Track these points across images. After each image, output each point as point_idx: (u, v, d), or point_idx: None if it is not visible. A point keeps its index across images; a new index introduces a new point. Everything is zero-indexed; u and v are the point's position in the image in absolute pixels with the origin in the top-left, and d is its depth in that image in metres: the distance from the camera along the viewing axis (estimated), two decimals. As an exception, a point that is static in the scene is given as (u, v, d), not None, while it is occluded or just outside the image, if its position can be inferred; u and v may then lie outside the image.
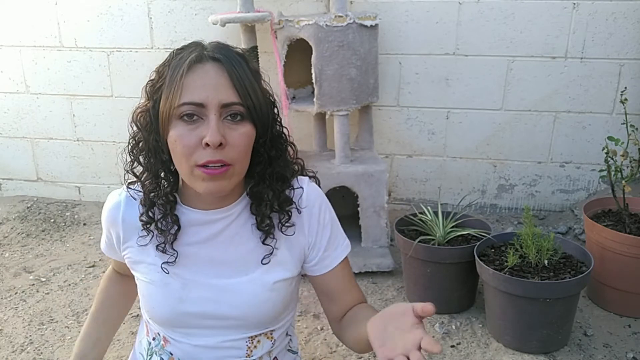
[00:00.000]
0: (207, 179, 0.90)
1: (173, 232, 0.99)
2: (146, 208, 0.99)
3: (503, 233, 2.02)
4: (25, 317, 2.05)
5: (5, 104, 2.94)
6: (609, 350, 1.79)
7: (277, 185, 1.00)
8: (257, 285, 1.01)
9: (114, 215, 1.04)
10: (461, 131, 2.65)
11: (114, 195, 1.06)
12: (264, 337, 1.07)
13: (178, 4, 2.61)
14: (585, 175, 2.64)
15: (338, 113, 2.26)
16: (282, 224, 1.02)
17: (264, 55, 2.50)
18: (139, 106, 0.97)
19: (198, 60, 0.90)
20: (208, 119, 0.88)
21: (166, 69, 0.92)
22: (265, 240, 1.01)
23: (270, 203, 0.99)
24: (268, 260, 1.02)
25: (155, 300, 1.02)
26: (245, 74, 0.91)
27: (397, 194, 2.82)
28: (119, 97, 2.81)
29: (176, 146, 0.89)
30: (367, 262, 2.25)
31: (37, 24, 2.75)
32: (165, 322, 1.04)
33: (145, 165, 0.98)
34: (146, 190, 0.99)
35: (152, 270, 1.01)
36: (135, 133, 0.98)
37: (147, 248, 1.02)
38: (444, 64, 2.55)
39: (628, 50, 2.43)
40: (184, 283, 1.01)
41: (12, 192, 3.12)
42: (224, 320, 1.02)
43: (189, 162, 0.89)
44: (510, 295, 1.71)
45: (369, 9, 2.48)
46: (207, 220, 1.00)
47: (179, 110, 0.88)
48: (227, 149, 0.89)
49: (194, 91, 0.88)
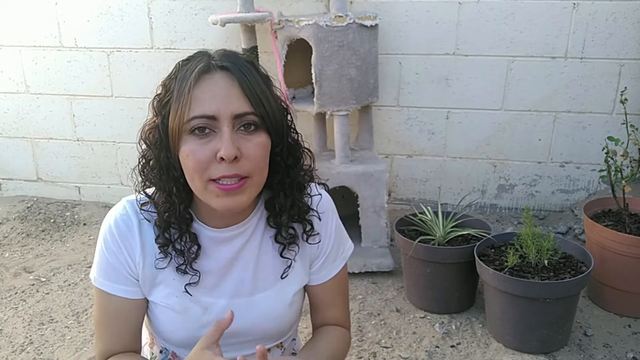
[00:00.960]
0: (222, 194, 0.85)
1: (194, 251, 0.94)
2: (162, 229, 0.93)
3: (503, 233, 2.02)
4: (25, 317, 2.05)
5: (5, 104, 2.94)
6: (609, 350, 1.79)
7: (296, 194, 0.96)
8: (278, 299, 1.00)
9: (127, 234, 0.94)
10: (461, 131, 2.65)
11: (119, 214, 0.95)
12: (275, 348, 1.07)
13: (178, 4, 2.61)
14: (585, 175, 2.64)
15: (338, 113, 2.26)
16: (306, 234, 0.99)
17: (264, 55, 2.50)
18: (147, 123, 0.92)
19: (206, 71, 0.85)
20: (221, 132, 0.84)
21: (173, 82, 0.88)
22: (283, 253, 0.98)
23: (290, 213, 0.96)
24: (286, 274, 1.00)
25: (174, 325, 0.98)
26: (256, 81, 0.87)
27: (397, 194, 2.82)
28: (119, 97, 2.81)
29: (188, 162, 0.85)
30: (367, 262, 2.25)
31: (37, 24, 2.75)
32: (182, 345, 1.01)
33: (158, 184, 0.92)
34: (160, 210, 0.92)
35: (171, 294, 0.96)
36: (145, 151, 0.93)
37: (165, 270, 0.96)
38: (444, 64, 2.55)
39: (628, 50, 2.43)
40: (204, 307, 0.97)
41: (12, 192, 3.12)
42: (242, 337, 1.00)
43: (203, 178, 0.85)
44: (510, 295, 1.71)
45: (369, 9, 2.48)
46: (224, 238, 0.96)
47: (190, 124, 0.84)
48: (242, 162, 0.84)
49: (204, 103, 0.84)
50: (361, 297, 2.13)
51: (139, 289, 0.97)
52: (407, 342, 1.87)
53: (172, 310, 0.97)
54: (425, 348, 1.83)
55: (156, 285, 0.97)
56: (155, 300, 0.98)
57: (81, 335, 1.94)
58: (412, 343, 1.86)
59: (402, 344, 1.86)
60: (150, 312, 1.02)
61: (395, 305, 2.08)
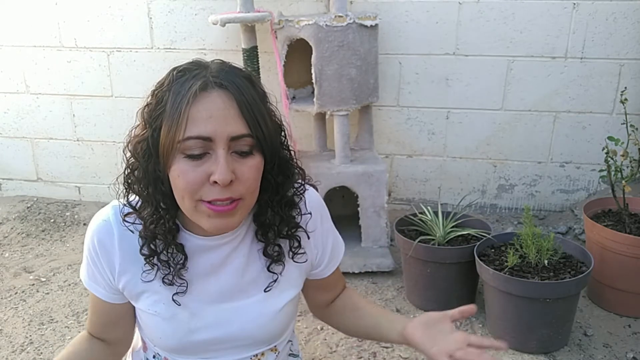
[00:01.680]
0: (213, 215, 0.83)
1: (181, 262, 0.92)
2: (147, 241, 0.90)
3: (503, 233, 2.02)
4: (25, 317, 2.05)
5: (5, 104, 2.94)
6: (609, 350, 1.79)
7: (285, 211, 0.94)
8: (265, 307, 0.99)
9: (107, 244, 0.93)
10: (461, 131, 2.65)
11: (102, 221, 0.94)
12: (269, 351, 1.06)
13: (178, 4, 2.61)
14: (585, 175, 2.64)
15: (338, 113, 2.26)
16: (292, 252, 0.98)
17: (264, 55, 2.50)
18: (136, 134, 0.88)
19: (203, 88, 0.81)
20: (216, 154, 0.80)
21: (166, 94, 0.83)
22: (269, 267, 0.98)
23: (278, 229, 0.95)
24: (270, 289, 0.99)
25: (161, 331, 0.97)
26: (254, 100, 0.83)
27: (397, 194, 2.82)
28: (119, 97, 2.81)
29: (179, 182, 0.82)
30: (367, 262, 2.25)
31: (37, 24, 2.75)
32: (172, 350, 1.01)
33: (144, 197, 0.88)
34: (146, 223, 0.89)
35: (157, 302, 0.95)
36: (131, 161, 0.89)
37: (152, 282, 0.94)
38: (444, 64, 2.55)
39: (628, 50, 2.43)
40: (191, 313, 0.96)
41: (12, 192, 3.12)
42: (232, 342, 1.00)
43: (193, 198, 0.82)
44: (510, 295, 1.71)
45: (369, 9, 2.48)
46: (211, 246, 0.95)
47: (184, 144, 0.80)
48: (235, 184, 0.82)
49: (200, 124, 0.80)
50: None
51: (121, 295, 0.98)
52: (407, 342, 1.87)
53: (160, 317, 0.96)
54: (425, 348, 1.82)
55: (142, 293, 0.96)
56: (142, 307, 0.97)
57: (81, 335, 1.94)
58: (412, 343, 1.86)
59: (402, 344, 1.86)
60: (139, 317, 1.02)
61: (395, 305, 2.07)
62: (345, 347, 1.84)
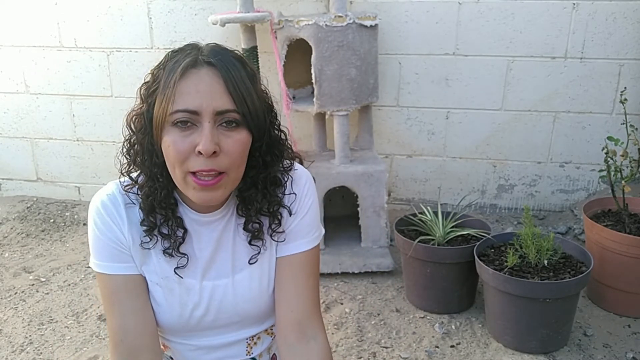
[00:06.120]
0: (199, 188, 0.88)
1: (180, 235, 0.97)
2: (146, 212, 0.95)
3: (503, 233, 2.02)
4: (25, 317, 2.05)
5: (5, 104, 2.94)
6: (608, 350, 1.79)
7: (270, 189, 0.97)
8: (253, 280, 1.02)
9: (114, 213, 0.95)
10: (461, 131, 2.65)
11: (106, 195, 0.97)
12: (264, 334, 1.09)
13: (178, 4, 2.61)
14: (585, 175, 2.65)
15: (338, 113, 2.26)
16: (272, 230, 1.00)
17: (264, 55, 2.50)
18: (134, 109, 0.95)
19: (192, 65, 0.87)
20: (202, 126, 0.86)
21: (161, 72, 0.90)
22: (251, 242, 1.00)
23: (259, 206, 0.97)
24: (255, 260, 1.01)
25: (160, 306, 1.00)
26: (242, 78, 0.89)
27: (397, 194, 2.82)
28: (119, 97, 2.81)
29: (169, 152, 0.88)
30: (367, 262, 2.25)
31: (37, 24, 2.75)
32: (171, 331, 1.03)
33: (142, 168, 0.95)
34: (144, 193, 0.94)
35: (157, 274, 0.99)
36: (130, 135, 0.96)
37: (152, 251, 0.98)
38: (444, 64, 2.55)
39: (628, 51, 2.43)
40: (187, 288, 0.99)
41: (12, 192, 3.12)
42: (226, 320, 1.02)
43: (182, 169, 0.88)
44: (510, 295, 1.71)
45: (368, 9, 2.48)
46: (206, 222, 0.99)
47: (173, 117, 0.86)
48: (220, 157, 0.87)
49: (188, 98, 0.85)
50: (361, 297, 2.13)
51: (135, 264, 0.98)
52: (406, 342, 1.87)
53: (160, 287, 0.99)
54: (425, 348, 1.83)
55: (145, 264, 0.99)
56: (147, 276, 1.00)
57: (81, 335, 1.94)
58: (411, 343, 1.86)
59: (402, 344, 1.86)
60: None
61: (395, 305, 2.08)
62: (345, 347, 1.84)
